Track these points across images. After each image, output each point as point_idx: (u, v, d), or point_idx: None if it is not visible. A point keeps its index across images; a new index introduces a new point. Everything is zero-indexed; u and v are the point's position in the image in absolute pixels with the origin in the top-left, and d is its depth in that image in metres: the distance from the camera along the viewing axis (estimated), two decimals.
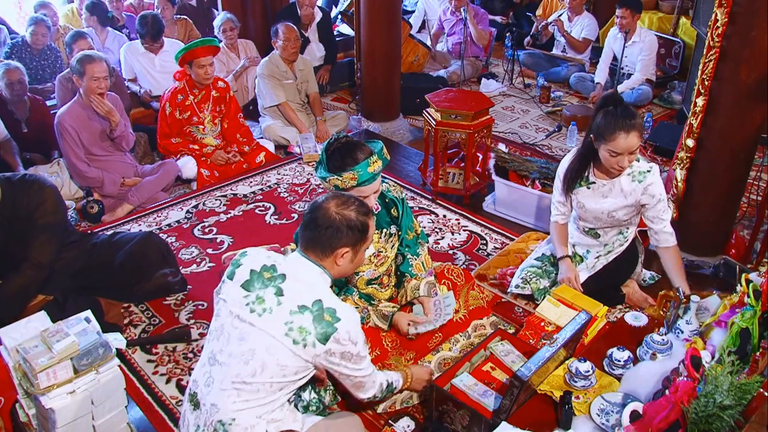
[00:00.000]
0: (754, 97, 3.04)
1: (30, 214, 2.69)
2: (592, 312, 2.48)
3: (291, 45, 4.83)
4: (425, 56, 6.33)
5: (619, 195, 2.85)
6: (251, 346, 1.89)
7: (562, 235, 3.09)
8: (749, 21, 2.92)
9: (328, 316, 1.88)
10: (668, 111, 5.73)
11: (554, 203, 3.07)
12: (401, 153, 4.89)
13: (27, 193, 2.70)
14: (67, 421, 2.05)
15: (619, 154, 2.67)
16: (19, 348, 2.00)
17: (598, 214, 2.93)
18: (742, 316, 2.05)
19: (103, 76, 3.80)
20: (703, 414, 1.69)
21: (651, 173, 2.79)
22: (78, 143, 3.89)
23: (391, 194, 2.69)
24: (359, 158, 2.35)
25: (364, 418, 2.49)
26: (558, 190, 3.01)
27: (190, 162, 4.35)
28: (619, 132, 2.63)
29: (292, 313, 1.87)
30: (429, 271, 2.77)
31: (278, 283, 1.92)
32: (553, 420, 2.12)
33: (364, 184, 2.37)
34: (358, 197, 2.13)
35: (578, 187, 2.93)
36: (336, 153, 2.39)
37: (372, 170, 2.35)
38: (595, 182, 2.89)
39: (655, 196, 2.80)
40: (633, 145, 2.66)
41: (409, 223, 2.74)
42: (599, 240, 3.05)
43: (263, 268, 1.95)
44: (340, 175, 2.33)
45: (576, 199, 2.96)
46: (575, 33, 6.32)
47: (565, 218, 3.08)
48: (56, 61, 5.29)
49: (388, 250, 2.71)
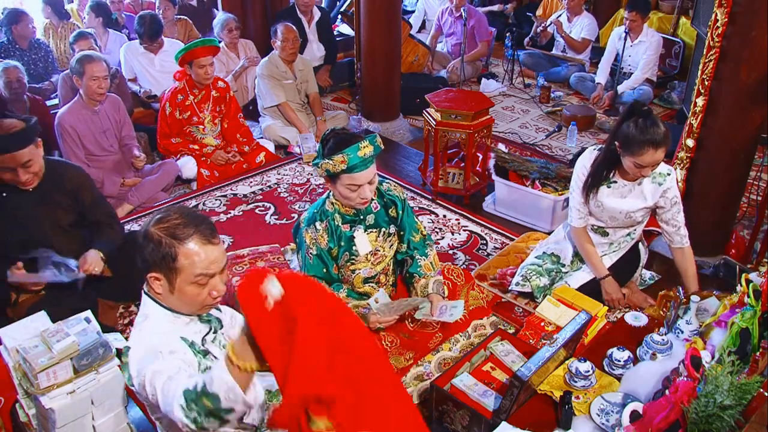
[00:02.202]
0: (754, 97, 3.04)
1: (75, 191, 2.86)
2: (592, 312, 2.48)
3: (290, 45, 4.83)
4: (425, 56, 6.33)
5: (639, 196, 2.87)
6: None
7: (591, 245, 3.02)
8: (749, 21, 2.92)
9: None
10: (668, 111, 5.73)
11: (574, 207, 3.00)
12: (401, 153, 4.89)
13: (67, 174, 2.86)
14: (67, 421, 2.05)
15: (644, 167, 2.70)
16: (19, 348, 2.00)
17: (615, 213, 2.93)
18: (742, 316, 2.05)
19: (103, 75, 3.80)
20: (703, 414, 1.69)
21: (670, 176, 2.83)
22: (78, 143, 3.89)
23: (392, 193, 2.69)
24: (351, 143, 2.37)
25: None
26: (579, 190, 2.95)
27: (190, 162, 4.35)
28: (648, 148, 2.64)
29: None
30: (438, 270, 2.77)
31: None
32: (553, 420, 2.12)
33: (355, 170, 2.36)
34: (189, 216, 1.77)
35: (599, 187, 2.93)
36: (330, 141, 2.42)
37: (362, 154, 2.34)
38: (617, 182, 2.89)
39: (672, 199, 2.83)
40: (659, 160, 2.69)
41: (413, 225, 2.73)
42: (607, 239, 3.06)
43: None
44: (331, 158, 2.35)
45: (595, 197, 2.94)
46: (575, 33, 6.32)
47: (586, 220, 3.03)
48: (47, 55, 5.29)
49: (386, 249, 2.71)
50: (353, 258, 2.64)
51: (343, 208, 2.57)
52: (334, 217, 2.57)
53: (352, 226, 2.60)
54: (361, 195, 2.45)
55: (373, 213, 2.64)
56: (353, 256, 2.63)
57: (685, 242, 2.91)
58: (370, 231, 2.64)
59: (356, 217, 2.60)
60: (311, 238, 2.56)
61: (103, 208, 3.01)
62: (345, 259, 2.65)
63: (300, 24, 5.62)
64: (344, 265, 2.67)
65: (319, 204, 2.62)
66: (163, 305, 1.76)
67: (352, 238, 2.60)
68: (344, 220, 2.59)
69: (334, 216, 2.57)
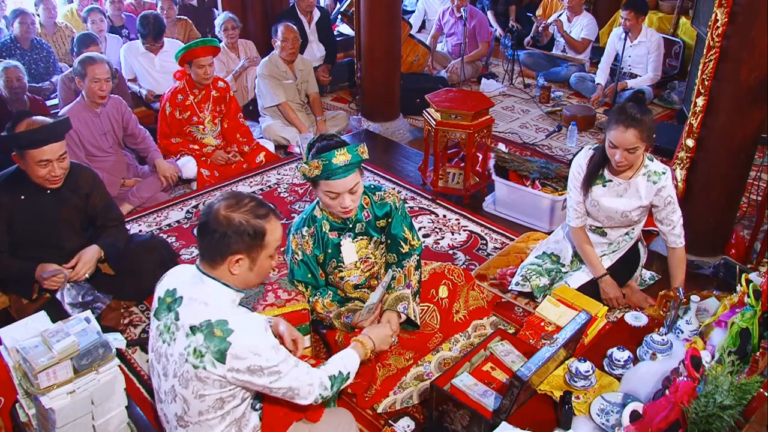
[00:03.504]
0: (754, 97, 3.04)
1: (89, 194, 2.89)
2: (592, 312, 2.48)
3: (290, 45, 4.83)
4: (425, 56, 6.33)
5: (635, 195, 2.87)
6: (171, 381, 1.81)
7: (589, 245, 3.04)
8: (749, 21, 2.91)
9: (219, 331, 1.72)
10: (668, 111, 5.74)
11: (572, 207, 3.02)
12: (401, 153, 4.89)
13: (82, 176, 2.89)
14: (67, 421, 2.04)
15: (615, 147, 2.70)
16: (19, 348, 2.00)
17: (611, 213, 2.93)
18: (742, 316, 2.05)
19: (105, 77, 3.80)
20: (703, 414, 1.68)
21: (665, 175, 2.83)
22: (79, 145, 3.88)
23: (384, 202, 2.61)
24: (329, 149, 2.33)
25: (364, 417, 2.49)
26: (576, 190, 2.97)
27: (190, 162, 4.35)
28: (619, 125, 2.66)
29: (187, 337, 1.74)
30: (408, 283, 2.63)
31: (176, 307, 1.80)
32: (553, 420, 2.12)
33: (331, 177, 2.31)
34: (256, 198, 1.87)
35: (594, 185, 2.93)
36: (315, 147, 2.40)
37: (337, 162, 2.28)
38: (611, 180, 2.90)
39: (666, 198, 2.83)
40: (628, 142, 2.66)
41: (401, 235, 2.63)
42: (606, 239, 3.06)
43: (166, 293, 1.85)
44: (307, 162, 2.32)
45: (591, 197, 2.95)
46: (575, 33, 6.32)
47: (584, 220, 3.04)
48: (49, 56, 5.28)
49: (377, 257, 2.68)
50: (340, 266, 2.60)
51: (331, 215, 2.54)
52: (322, 224, 2.54)
53: (340, 234, 2.57)
54: (342, 204, 2.38)
55: (363, 221, 2.59)
56: (340, 263, 2.60)
57: (678, 242, 2.92)
58: (360, 238, 2.60)
59: (344, 224, 2.56)
60: (297, 244, 2.54)
61: (113, 211, 3.01)
62: (332, 266, 2.61)
63: (300, 24, 5.62)
64: (332, 272, 2.63)
65: (309, 210, 2.58)
66: (230, 286, 1.82)
67: (339, 245, 2.57)
68: (332, 227, 2.55)
69: (323, 223, 2.54)
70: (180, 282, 1.86)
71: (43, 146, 2.60)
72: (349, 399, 2.56)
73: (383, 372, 2.57)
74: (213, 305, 1.77)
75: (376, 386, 2.53)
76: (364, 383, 2.53)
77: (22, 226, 2.73)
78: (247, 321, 1.76)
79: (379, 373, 2.55)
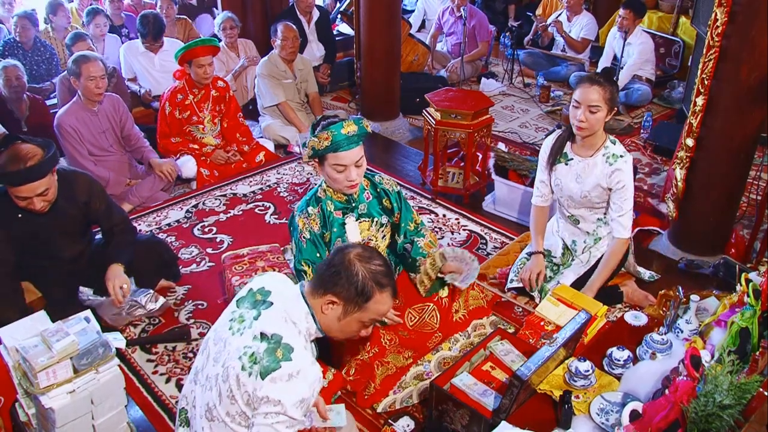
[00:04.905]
0: (754, 96, 3.04)
1: (87, 202, 2.85)
2: (591, 311, 2.48)
3: (289, 44, 4.83)
4: (425, 56, 6.33)
5: (592, 175, 2.92)
6: (218, 369, 1.79)
7: (540, 224, 3.16)
8: (749, 21, 2.91)
9: (281, 352, 1.70)
10: (668, 111, 5.73)
11: (536, 185, 3.15)
12: (401, 152, 4.89)
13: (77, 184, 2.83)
14: (67, 420, 2.04)
15: (579, 105, 2.80)
16: (19, 347, 2.00)
17: (572, 193, 3.00)
18: (742, 315, 2.05)
19: (100, 75, 3.79)
20: (702, 413, 1.69)
21: (623, 160, 2.86)
22: (80, 142, 3.89)
23: (383, 185, 2.70)
24: (335, 123, 2.43)
25: (364, 417, 2.49)
26: (541, 167, 3.09)
27: (189, 161, 4.34)
28: (583, 84, 2.80)
29: (254, 339, 1.75)
30: (438, 245, 2.80)
31: (262, 308, 1.82)
32: (553, 419, 2.12)
33: (340, 149, 2.39)
34: (389, 267, 1.91)
35: (558, 163, 3.01)
36: (320, 124, 2.49)
37: (346, 132, 2.38)
38: (573, 159, 2.98)
39: (620, 182, 2.86)
40: (590, 99, 2.76)
41: (408, 216, 2.76)
42: (580, 227, 3.10)
43: (259, 290, 1.87)
44: (316, 136, 2.41)
45: (554, 176, 3.04)
46: (574, 33, 6.32)
47: (546, 201, 3.15)
48: (52, 58, 5.28)
49: (378, 240, 2.71)
50: None
51: (335, 195, 2.59)
52: (327, 204, 2.59)
53: (344, 213, 2.62)
54: (348, 177, 2.46)
55: (365, 202, 2.65)
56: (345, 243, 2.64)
57: (617, 233, 2.93)
58: (363, 220, 2.65)
59: (348, 204, 2.61)
60: (304, 223, 2.57)
61: (115, 213, 2.99)
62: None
63: (299, 24, 5.62)
64: None
65: (312, 192, 2.64)
66: (316, 322, 1.85)
67: (343, 224, 2.61)
68: (336, 207, 2.60)
69: (327, 202, 2.59)
70: (278, 290, 1.88)
71: (20, 186, 2.52)
72: (348, 398, 2.56)
73: (382, 370, 2.57)
74: (291, 329, 1.79)
75: (375, 384, 2.54)
76: (363, 380, 2.54)
77: (20, 242, 2.71)
78: (308, 364, 1.73)
79: (377, 371, 2.55)
